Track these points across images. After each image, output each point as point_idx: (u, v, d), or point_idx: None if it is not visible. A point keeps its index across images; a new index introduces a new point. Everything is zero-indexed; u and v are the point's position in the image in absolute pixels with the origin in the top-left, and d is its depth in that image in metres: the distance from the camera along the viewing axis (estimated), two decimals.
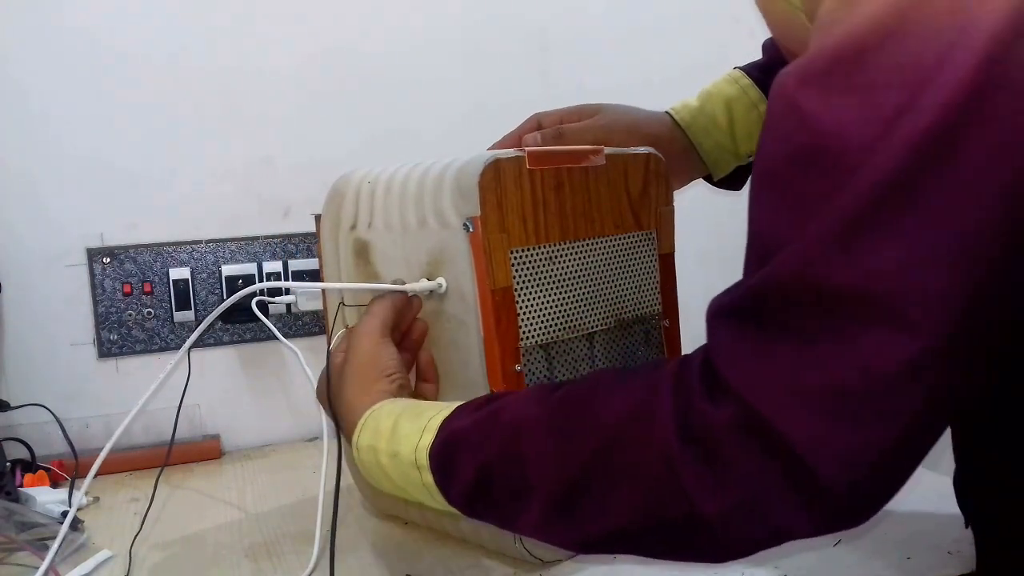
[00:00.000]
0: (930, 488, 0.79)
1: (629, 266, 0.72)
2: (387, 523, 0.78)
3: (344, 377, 0.62)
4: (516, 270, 0.64)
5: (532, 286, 0.65)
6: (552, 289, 0.67)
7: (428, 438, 0.54)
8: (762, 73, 0.80)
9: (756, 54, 1.24)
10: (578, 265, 0.68)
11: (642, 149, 0.73)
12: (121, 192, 0.98)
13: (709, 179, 0.84)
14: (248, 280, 1.02)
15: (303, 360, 0.85)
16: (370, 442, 0.58)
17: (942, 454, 0.75)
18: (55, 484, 0.87)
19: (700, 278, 1.26)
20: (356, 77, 1.06)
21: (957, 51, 0.36)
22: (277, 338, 0.84)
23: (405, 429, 0.56)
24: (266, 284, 0.76)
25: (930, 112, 0.37)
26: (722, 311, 0.44)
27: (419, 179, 0.67)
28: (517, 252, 0.64)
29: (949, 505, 0.73)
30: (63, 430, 0.92)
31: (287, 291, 0.94)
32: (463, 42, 1.10)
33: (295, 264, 1.04)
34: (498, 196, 0.63)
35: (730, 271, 0.63)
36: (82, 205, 0.97)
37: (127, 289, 0.99)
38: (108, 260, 0.98)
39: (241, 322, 1.02)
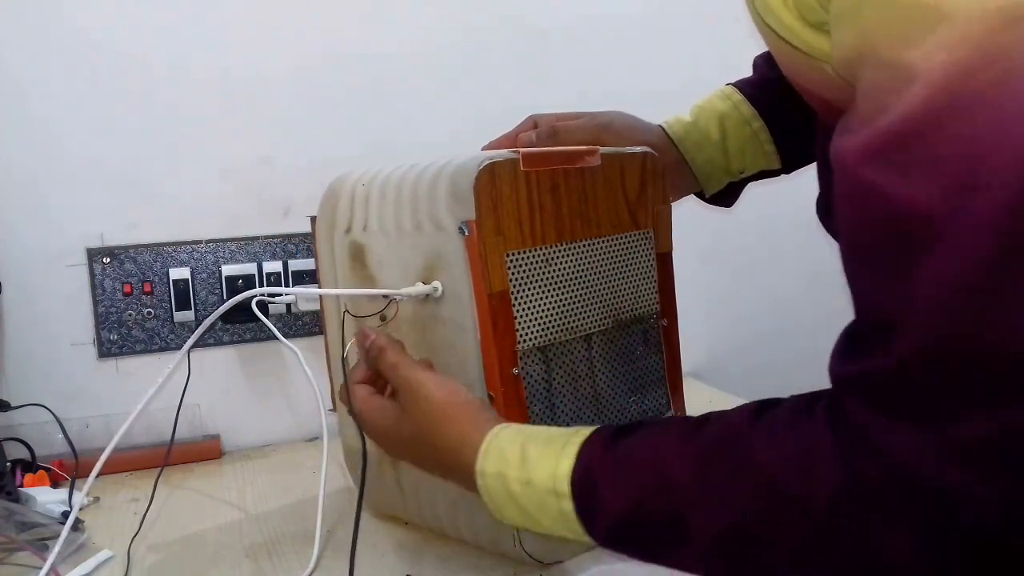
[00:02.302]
0: None
1: (626, 266, 0.72)
2: (387, 523, 0.78)
3: (437, 420, 0.59)
4: (512, 273, 0.64)
5: (529, 289, 0.65)
6: (549, 291, 0.66)
7: (567, 464, 0.52)
8: (754, 89, 0.80)
9: (757, 53, 1.24)
10: (575, 266, 0.68)
11: (638, 148, 0.73)
12: (121, 192, 0.98)
13: (701, 196, 0.84)
14: (248, 280, 1.02)
15: (303, 360, 0.85)
16: (497, 469, 0.55)
17: None
18: (55, 484, 0.88)
19: (701, 277, 1.26)
20: (357, 78, 1.06)
21: (1010, 122, 0.37)
22: (277, 338, 0.84)
23: (535, 454, 0.54)
24: (266, 289, 0.76)
25: (1004, 183, 0.38)
26: (856, 384, 0.44)
27: (413, 182, 0.67)
28: (513, 255, 0.64)
29: None
30: (63, 430, 0.92)
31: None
32: (464, 44, 1.10)
33: (295, 264, 1.04)
34: (493, 199, 0.63)
35: (730, 270, 0.63)
36: (82, 205, 0.97)
37: (127, 289, 0.99)
38: (108, 260, 0.98)
39: (241, 322, 1.02)
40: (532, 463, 0.54)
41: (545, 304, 0.66)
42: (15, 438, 0.90)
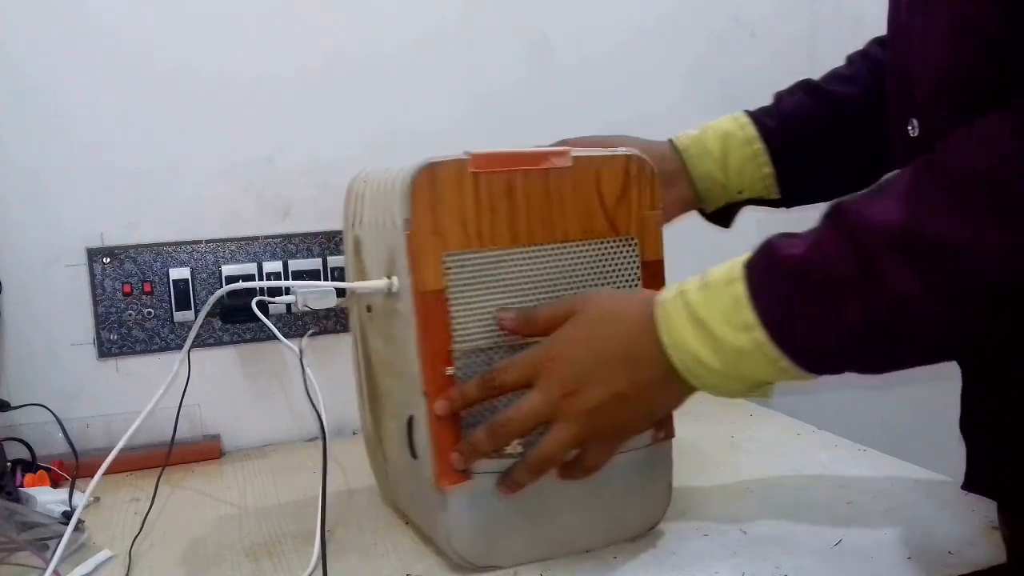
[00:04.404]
0: (930, 488, 0.79)
1: (602, 274, 0.69)
2: (387, 523, 0.78)
3: (611, 296, 0.65)
4: (452, 273, 0.64)
5: (471, 290, 0.65)
6: (497, 294, 0.66)
7: (744, 257, 0.56)
8: (762, 115, 0.83)
9: (755, 53, 1.25)
10: (532, 271, 0.66)
11: (622, 150, 0.69)
12: (121, 192, 0.98)
13: (703, 213, 0.87)
14: (248, 280, 1.02)
15: (303, 360, 0.84)
16: (679, 289, 0.58)
17: (940, 454, 0.76)
18: (55, 484, 0.87)
19: None
20: (357, 77, 1.06)
21: None
22: (277, 338, 0.84)
23: (714, 268, 0.57)
24: (241, 285, 0.76)
25: None
26: None
27: (385, 179, 0.68)
28: (454, 256, 0.64)
29: (949, 505, 0.73)
30: (63, 430, 0.92)
31: (287, 291, 0.94)
32: (464, 42, 1.10)
33: (295, 264, 1.04)
34: (432, 199, 0.63)
35: None
36: (82, 205, 0.97)
37: (127, 289, 0.99)
38: (108, 260, 0.98)
39: (241, 322, 1.02)
40: (710, 272, 0.57)
41: (491, 307, 0.66)
42: (15, 438, 0.90)
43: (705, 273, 0.58)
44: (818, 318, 0.52)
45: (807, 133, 0.81)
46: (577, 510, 0.69)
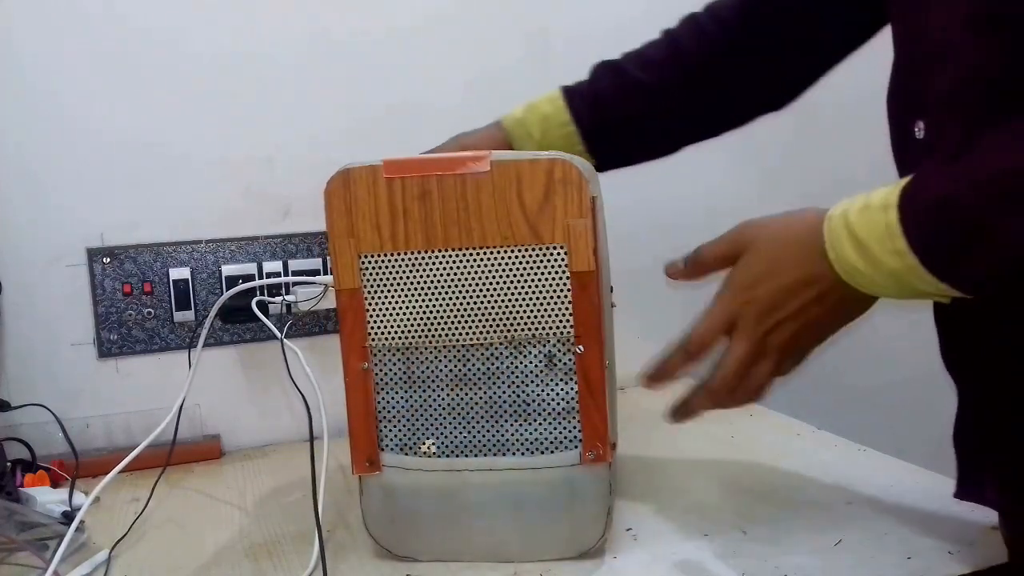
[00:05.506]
0: (930, 488, 0.79)
1: (524, 281, 0.66)
2: None
3: (780, 222, 0.64)
4: (368, 274, 0.67)
5: (386, 290, 0.67)
6: (412, 295, 0.67)
7: (903, 184, 0.56)
8: (579, 98, 0.84)
9: None
10: (447, 274, 0.67)
11: (545, 154, 0.65)
12: (121, 192, 0.98)
13: None
14: (248, 280, 1.02)
15: (303, 360, 0.85)
16: (842, 209, 0.59)
17: (940, 454, 0.75)
18: (55, 484, 0.87)
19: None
20: (357, 77, 1.06)
21: None
22: (277, 338, 0.84)
23: (877, 190, 0.58)
24: (250, 284, 0.76)
25: None
26: None
27: None
28: (369, 257, 0.67)
29: (949, 505, 0.73)
30: (63, 430, 0.92)
31: (287, 291, 0.94)
32: (463, 40, 1.10)
33: (295, 264, 1.04)
34: (346, 203, 0.66)
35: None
36: (82, 205, 0.97)
37: (127, 289, 0.99)
38: (108, 260, 0.98)
39: (241, 322, 1.02)
40: (874, 193, 0.57)
41: (406, 307, 0.67)
42: (15, 438, 0.90)
43: (868, 193, 0.58)
44: (963, 253, 0.53)
45: (615, 116, 0.83)
46: (493, 520, 0.69)
